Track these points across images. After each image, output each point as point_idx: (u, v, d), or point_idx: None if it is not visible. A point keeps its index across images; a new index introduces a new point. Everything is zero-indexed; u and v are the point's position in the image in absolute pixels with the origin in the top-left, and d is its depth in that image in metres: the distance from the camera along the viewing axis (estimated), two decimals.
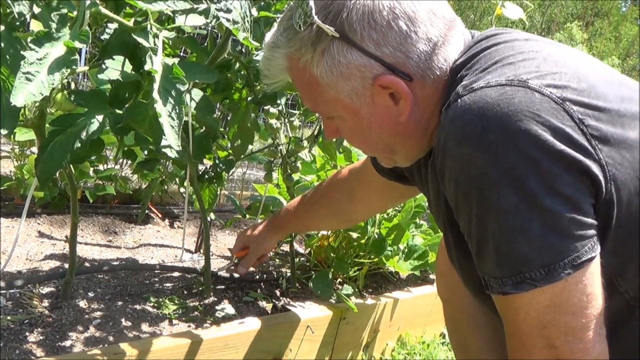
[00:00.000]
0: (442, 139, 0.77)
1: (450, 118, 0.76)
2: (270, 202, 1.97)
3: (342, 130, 0.94)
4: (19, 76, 0.80)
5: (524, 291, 0.73)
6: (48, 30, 0.84)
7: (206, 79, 1.08)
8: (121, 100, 1.06)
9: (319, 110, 0.94)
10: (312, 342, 1.60)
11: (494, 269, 0.75)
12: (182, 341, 1.27)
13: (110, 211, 2.23)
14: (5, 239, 1.73)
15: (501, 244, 0.72)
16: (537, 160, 0.69)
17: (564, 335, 0.73)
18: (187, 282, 1.70)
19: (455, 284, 1.30)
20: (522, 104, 0.70)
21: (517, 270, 0.72)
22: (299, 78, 0.89)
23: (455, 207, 0.79)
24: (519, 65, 0.77)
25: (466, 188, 0.74)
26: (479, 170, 0.72)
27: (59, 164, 0.98)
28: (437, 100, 0.87)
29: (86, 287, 1.53)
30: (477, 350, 1.28)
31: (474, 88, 0.75)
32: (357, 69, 0.83)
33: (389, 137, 0.91)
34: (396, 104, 0.86)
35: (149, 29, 0.96)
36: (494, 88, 0.73)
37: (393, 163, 1.00)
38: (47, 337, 1.24)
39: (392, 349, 1.92)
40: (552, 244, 0.70)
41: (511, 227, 0.71)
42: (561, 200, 0.69)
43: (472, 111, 0.73)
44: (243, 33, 1.03)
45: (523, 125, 0.69)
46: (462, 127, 0.74)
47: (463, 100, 0.75)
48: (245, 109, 1.49)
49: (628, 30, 13.23)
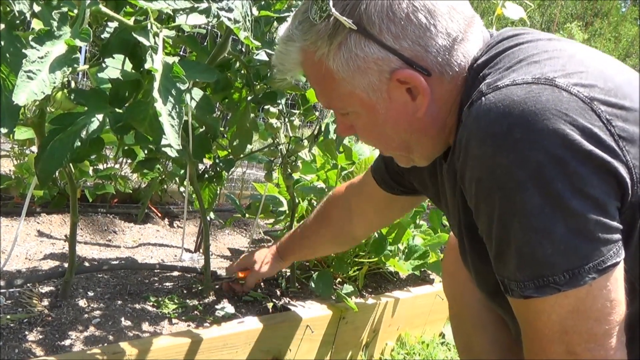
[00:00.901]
0: (464, 137, 0.75)
1: (473, 116, 0.74)
2: (270, 202, 1.97)
3: (356, 127, 0.92)
4: (20, 74, 0.80)
5: (546, 295, 0.71)
6: (49, 28, 0.84)
7: (206, 78, 1.08)
8: (121, 99, 1.06)
9: (334, 106, 0.92)
10: (311, 342, 1.60)
11: (515, 272, 0.73)
12: (181, 340, 1.27)
13: (110, 210, 2.22)
14: (4, 238, 1.72)
15: (524, 246, 0.71)
16: (565, 160, 0.67)
17: (585, 342, 0.71)
18: (186, 282, 1.70)
19: (461, 283, 1.31)
20: (549, 102, 0.69)
21: (539, 273, 0.70)
22: (313, 72, 0.87)
23: (475, 208, 0.78)
24: (545, 63, 0.75)
25: (488, 188, 0.72)
26: (503, 170, 0.70)
27: (59, 162, 0.97)
28: (455, 97, 0.85)
29: (86, 286, 1.52)
30: (481, 350, 1.28)
31: (499, 86, 0.73)
32: (374, 62, 0.81)
33: (405, 134, 0.89)
34: (413, 100, 0.84)
35: (149, 27, 0.96)
36: (520, 86, 0.72)
37: (411, 162, 0.97)
38: (47, 336, 1.24)
39: (391, 349, 1.92)
40: (577, 248, 0.68)
41: (535, 229, 0.69)
42: (588, 203, 0.67)
43: (497, 109, 0.71)
44: (244, 32, 1.03)
45: (551, 124, 0.67)
46: (487, 125, 0.72)
47: (487, 99, 0.73)
48: (244, 108, 1.49)
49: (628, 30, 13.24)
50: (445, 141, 0.91)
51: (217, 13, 0.99)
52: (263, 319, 1.49)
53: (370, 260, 1.90)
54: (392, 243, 1.91)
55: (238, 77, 1.46)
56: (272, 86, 1.38)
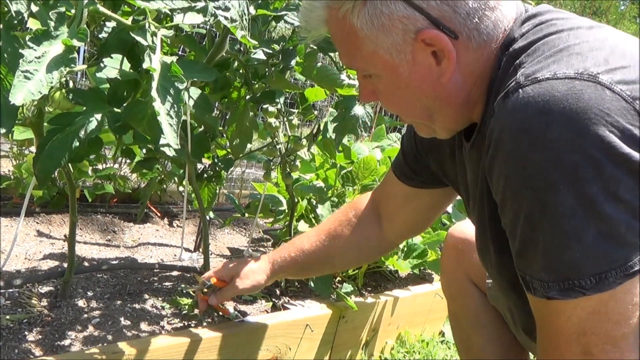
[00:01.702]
0: (496, 129, 0.72)
1: (509, 109, 0.71)
2: (270, 201, 1.97)
3: (378, 91, 0.89)
4: (17, 75, 0.80)
5: (570, 298, 0.69)
6: (46, 28, 0.84)
7: (204, 78, 1.08)
8: (119, 99, 1.05)
9: (356, 67, 0.88)
10: (311, 341, 1.60)
11: (540, 272, 0.71)
12: (180, 340, 1.27)
13: (109, 210, 2.22)
14: (4, 238, 1.72)
15: (552, 248, 0.69)
16: (601, 163, 0.64)
17: (603, 344, 0.70)
18: (186, 281, 1.70)
19: (459, 281, 1.31)
20: (591, 101, 0.65)
21: (566, 276, 0.69)
22: (337, 30, 0.84)
23: (501, 203, 0.76)
24: (587, 56, 0.71)
25: (518, 186, 0.70)
26: (535, 169, 0.68)
27: (58, 162, 0.97)
28: (483, 71, 0.82)
29: (85, 286, 1.52)
30: (480, 349, 1.28)
31: (539, 79, 0.70)
32: (399, 20, 0.78)
33: (428, 100, 0.85)
34: (438, 64, 0.81)
35: (147, 27, 0.95)
36: (562, 81, 0.68)
37: (432, 132, 0.93)
38: (46, 336, 1.24)
39: (391, 348, 1.92)
40: (606, 252, 0.66)
41: (565, 231, 0.67)
42: (621, 207, 0.65)
43: (536, 104, 0.68)
44: (241, 31, 1.02)
45: (591, 125, 0.65)
46: (523, 120, 0.69)
47: (525, 91, 0.70)
48: (243, 107, 1.49)
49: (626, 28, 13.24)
50: (469, 116, 0.89)
51: (214, 12, 0.99)
52: (262, 318, 1.49)
53: None
54: None
55: (237, 76, 1.46)
56: (270, 85, 1.38)
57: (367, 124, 1.49)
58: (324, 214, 1.82)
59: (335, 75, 1.36)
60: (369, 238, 1.29)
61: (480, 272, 1.24)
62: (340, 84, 1.36)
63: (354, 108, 1.48)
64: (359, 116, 1.47)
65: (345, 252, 1.30)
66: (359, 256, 1.36)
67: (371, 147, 2.15)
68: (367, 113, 1.48)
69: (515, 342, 1.23)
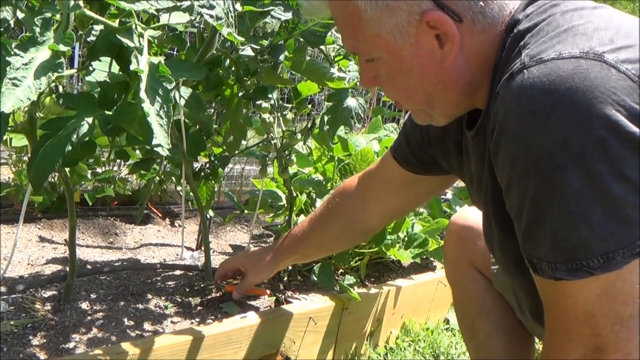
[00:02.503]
0: (500, 112, 0.72)
1: (513, 90, 0.70)
2: (269, 196, 1.97)
3: (380, 75, 0.88)
4: (5, 82, 0.81)
5: (578, 279, 0.69)
6: (32, 34, 0.85)
7: (194, 76, 1.08)
8: (110, 101, 1.06)
9: (359, 50, 0.87)
10: (315, 334, 1.61)
11: (548, 253, 0.71)
12: (185, 338, 1.28)
13: (110, 213, 2.23)
14: (6, 245, 1.73)
15: (559, 229, 0.69)
16: (608, 142, 0.64)
17: (611, 325, 0.70)
18: (188, 280, 1.71)
19: (463, 269, 1.31)
20: (597, 80, 0.65)
21: (573, 256, 0.69)
22: (340, 12, 0.84)
23: (506, 186, 0.76)
24: (592, 35, 0.70)
25: (524, 168, 0.70)
26: (542, 151, 0.67)
27: (51, 167, 0.98)
28: (487, 54, 0.82)
29: (88, 288, 1.53)
30: (486, 335, 1.28)
31: (544, 59, 0.69)
32: (404, 1, 0.77)
33: (430, 86, 0.85)
34: (441, 48, 0.80)
35: (133, 28, 0.96)
36: (567, 60, 0.67)
37: (429, 120, 0.93)
38: (51, 340, 1.25)
39: (396, 337, 1.93)
40: (614, 232, 0.66)
41: (573, 212, 0.67)
42: (628, 186, 0.65)
43: (541, 85, 0.67)
44: (227, 29, 1.03)
45: (597, 104, 0.64)
46: (528, 101, 0.68)
47: (530, 72, 0.69)
48: (237, 104, 1.49)
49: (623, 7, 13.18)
50: (471, 101, 0.88)
51: (200, 11, 0.99)
52: (266, 313, 1.50)
53: (371, 250, 1.91)
54: (391, 232, 1.91)
55: (229, 73, 1.47)
56: (261, 81, 1.38)
57: (360, 116, 1.49)
58: None
59: (325, 68, 1.36)
60: (350, 223, 1.32)
61: (484, 259, 1.25)
62: (331, 78, 1.36)
63: (347, 100, 1.48)
64: (352, 108, 1.48)
65: (331, 238, 1.37)
66: (344, 240, 1.42)
67: (368, 138, 2.16)
68: (360, 105, 1.49)
69: (521, 328, 1.23)
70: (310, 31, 1.25)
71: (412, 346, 1.91)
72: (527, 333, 1.24)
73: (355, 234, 1.36)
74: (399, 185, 1.22)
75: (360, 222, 1.32)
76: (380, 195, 1.26)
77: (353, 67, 1.49)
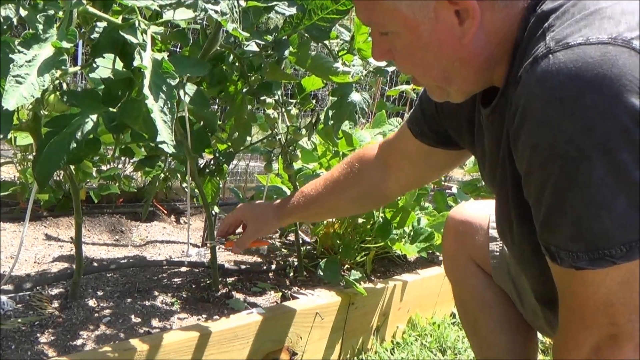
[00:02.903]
0: (523, 97, 0.70)
1: (538, 76, 0.68)
2: (274, 192, 1.97)
3: (395, 49, 0.86)
4: (9, 80, 0.81)
5: (600, 268, 0.68)
6: (35, 32, 0.84)
7: (197, 72, 1.08)
8: (114, 98, 1.06)
9: (374, 23, 0.84)
10: (322, 329, 1.61)
11: (568, 242, 0.70)
12: (192, 334, 1.28)
13: (116, 210, 2.24)
14: (12, 244, 1.74)
15: (581, 218, 0.68)
16: (632, 130, 0.63)
17: (629, 314, 0.70)
18: (195, 276, 1.71)
19: (462, 264, 1.30)
20: (626, 67, 0.63)
21: (595, 246, 0.68)
22: None
23: (526, 172, 0.74)
24: (620, 20, 0.68)
25: (546, 155, 0.69)
26: (566, 138, 0.66)
27: (56, 165, 0.98)
28: (507, 32, 0.79)
29: (95, 286, 1.54)
30: (488, 331, 1.27)
31: (570, 44, 0.67)
32: None
33: (447, 61, 0.82)
34: (461, 24, 0.77)
35: (137, 25, 0.96)
36: (595, 46, 0.65)
37: (445, 96, 0.90)
38: (58, 337, 1.25)
39: (402, 332, 1.93)
40: (636, 221, 0.65)
41: (595, 200, 0.66)
42: None
43: (568, 71, 0.65)
44: (232, 24, 1.02)
45: (625, 92, 0.63)
46: (554, 88, 0.66)
47: (556, 57, 0.67)
48: (241, 100, 1.49)
49: None
50: (489, 78, 0.86)
51: (204, 6, 0.99)
52: (272, 309, 1.50)
53: (377, 245, 1.91)
54: (397, 227, 1.91)
55: (233, 69, 1.46)
56: (265, 77, 1.38)
57: (364, 110, 1.48)
58: None
59: (329, 63, 1.35)
60: (370, 188, 1.29)
61: (483, 253, 1.24)
62: (335, 72, 1.35)
63: (351, 95, 1.47)
64: (356, 102, 1.47)
65: (348, 202, 1.32)
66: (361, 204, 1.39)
67: (373, 133, 2.15)
68: (364, 99, 1.48)
69: (523, 322, 1.22)
70: (314, 26, 1.24)
71: (419, 340, 1.91)
72: (529, 327, 1.23)
73: (374, 199, 1.35)
74: (415, 156, 1.19)
75: (380, 188, 1.29)
76: (399, 165, 1.24)
77: (357, 62, 1.48)
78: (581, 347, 0.75)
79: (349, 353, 1.72)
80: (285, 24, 1.25)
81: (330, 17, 1.23)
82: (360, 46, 1.44)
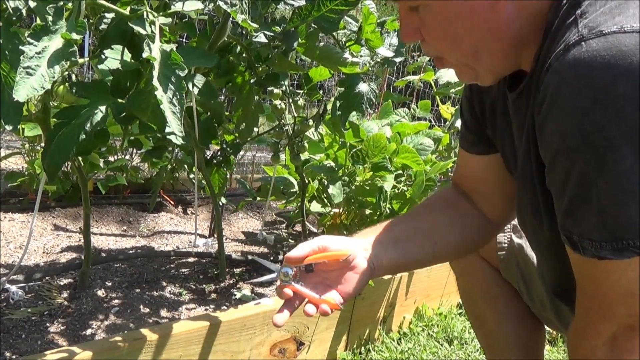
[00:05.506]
0: (552, 84, 0.69)
1: (570, 63, 0.67)
2: (281, 183, 1.97)
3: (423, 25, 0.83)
4: (19, 71, 0.81)
5: (624, 258, 0.68)
6: (45, 23, 0.84)
7: (205, 63, 1.08)
8: (123, 90, 1.06)
9: None
10: (329, 319, 1.61)
11: (592, 231, 0.69)
12: (200, 324, 1.29)
13: (124, 201, 2.25)
14: (21, 234, 1.75)
15: (608, 207, 0.67)
16: None
17: None
18: (202, 267, 1.72)
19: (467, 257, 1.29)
20: None
21: (620, 235, 0.67)
22: None
23: (550, 160, 0.73)
24: None
25: (575, 143, 0.67)
26: (595, 126, 0.65)
27: (66, 156, 0.98)
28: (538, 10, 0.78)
29: (103, 276, 1.55)
30: (494, 323, 1.26)
31: (604, 32, 0.66)
32: None
33: (478, 33, 0.80)
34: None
35: (145, 16, 0.95)
36: (630, 35, 0.64)
37: (474, 77, 0.87)
38: (68, 327, 1.27)
39: (409, 322, 1.94)
40: None
41: (623, 189, 0.65)
42: None
43: (601, 59, 0.64)
44: (241, 15, 1.02)
45: None
46: (586, 75, 0.65)
47: (589, 45, 0.66)
48: (248, 91, 1.49)
49: None
50: (517, 59, 0.84)
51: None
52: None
53: None
54: None
55: (240, 60, 1.46)
56: (273, 67, 1.37)
57: (372, 101, 1.48)
58: (335, 194, 1.82)
59: (338, 54, 1.35)
60: (472, 225, 1.12)
61: (489, 246, 1.22)
62: (344, 63, 1.34)
63: (359, 85, 1.47)
64: (364, 93, 1.47)
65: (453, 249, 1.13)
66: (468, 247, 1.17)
67: (380, 124, 2.14)
68: (371, 89, 1.47)
69: (530, 314, 1.22)
70: (323, 17, 1.23)
71: (426, 331, 1.91)
72: (537, 319, 1.22)
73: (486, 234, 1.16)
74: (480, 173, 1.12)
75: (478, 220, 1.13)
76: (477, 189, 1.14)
77: (365, 52, 1.47)
78: (598, 337, 0.75)
79: (356, 343, 1.73)
80: (294, 15, 1.24)
81: (339, 8, 1.23)
82: (368, 36, 1.43)
